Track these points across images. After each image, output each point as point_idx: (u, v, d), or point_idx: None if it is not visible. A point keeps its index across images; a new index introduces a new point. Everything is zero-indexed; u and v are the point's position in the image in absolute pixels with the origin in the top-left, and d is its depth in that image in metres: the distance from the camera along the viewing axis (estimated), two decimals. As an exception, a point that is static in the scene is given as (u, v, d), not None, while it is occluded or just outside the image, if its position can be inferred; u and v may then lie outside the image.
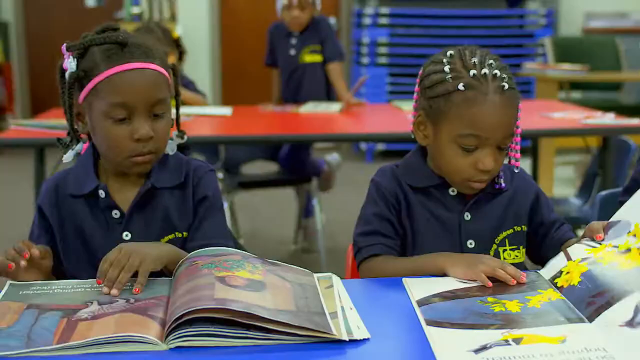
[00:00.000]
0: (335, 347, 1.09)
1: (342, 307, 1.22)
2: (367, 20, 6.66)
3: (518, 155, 1.54)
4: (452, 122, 1.45)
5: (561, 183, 5.36)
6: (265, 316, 1.09)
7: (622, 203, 1.69)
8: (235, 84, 7.19)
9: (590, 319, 1.15)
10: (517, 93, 1.48)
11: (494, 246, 1.53)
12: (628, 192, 1.69)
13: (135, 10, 6.52)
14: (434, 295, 1.28)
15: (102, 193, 1.47)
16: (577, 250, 1.36)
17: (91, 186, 1.48)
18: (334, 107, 3.67)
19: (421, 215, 1.53)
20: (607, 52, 6.07)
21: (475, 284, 1.34)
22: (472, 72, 1.43)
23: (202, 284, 1.18)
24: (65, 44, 1.45)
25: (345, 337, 1.11)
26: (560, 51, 5.96)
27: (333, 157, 4.11)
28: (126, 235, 1.47)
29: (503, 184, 1.54)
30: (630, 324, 1.09)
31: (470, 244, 1.52)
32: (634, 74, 5.82)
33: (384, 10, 6.64)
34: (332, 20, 7.07)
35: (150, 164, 1.48)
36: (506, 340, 1.09)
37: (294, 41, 3.96)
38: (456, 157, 1.46)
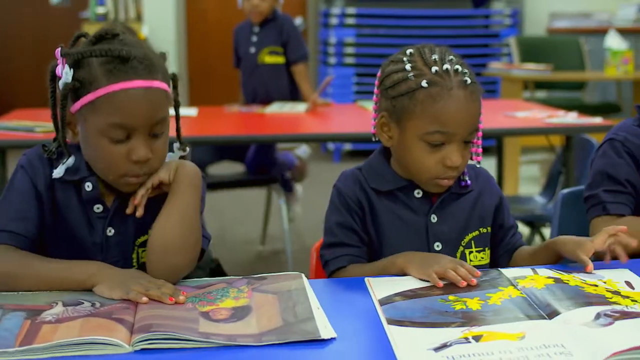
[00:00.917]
0: (300, 347, 1.09)
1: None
2: (333, 21, 6.67)
3: (480, 150, 1.54)
4: (417, 119, 1.44)
5: (526, 182, 5.41)
6: (250, 344, 1.09)
7: (586, 199, 1.72)
8: (203, 84, 7.16)
9: (550, 316, 1.16)
10: (479, 87, 1.48)
11: (461, 248, 1.53)
12: (592, 188, 1.71)
13: (101, 10, 6.45)
14: (396, 295, 1.29)
15: (88, 186, 1.40)
16: (546, 271, 1.38)
17: (78, 175, 1.40)
18: (300, 108, 3.67)
19: (387, 219, 1.52)
20: (571, 52, 6.13)
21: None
22: (434, 68, 1.43)
23: (186, 317, 1.18)
24: (60, 49, 1.35)
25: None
26: (525, 51, 6.01)
27: (302, 151, 4.10)
28: (110, 231, 1.42)
29: (469, 182, 1.55)
30: (590, 324, 1.11)
31: (438, 246, 1.51)
32: (597, 73, 5.89)
33: (351, 10, 6.66)
34: (299, 20, 7.07)
35: (137, 187, 1.40)
36: (466, 338, 1.10)
37: (254, 39, 3.95)
38: (423, 155, 1.46)
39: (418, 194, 1.53)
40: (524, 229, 3.77)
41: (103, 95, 1.30)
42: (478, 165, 1.57)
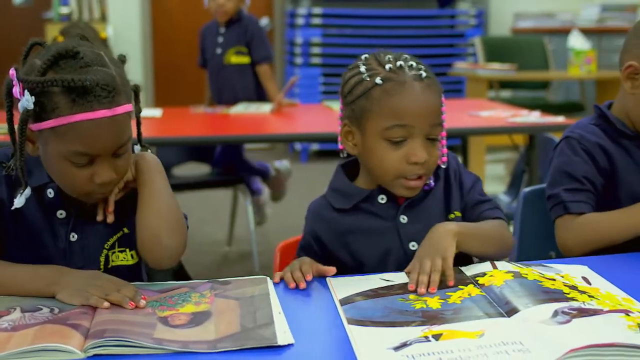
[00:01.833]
0: (256, 353, 1.09)
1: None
2: (300, 21, 6.67)
3: (445, 150, 1.53)
4: (375, 117, 1.44)
5: (492, 180, 5.45)
6: (204, 351, 1.08)
7: (548, 199, 1.73)
8: (168, 85, 7.12)
9: (509, 314, 1.17)
10: (437, 83, 1.48)
11: None
12: (552, 187, 1.72)
13: (64, 10, 6.39)
14: (357, 294, 1.29)
15: (50, 192, 1.38)
16: (505, 265, 1.39)
17: (40, 181, 1.38)
18: (265, 108, 3.66)
19: (355, 236, 1.51)
20: (535, 52, 6.19)
21: (397, 282, 1.35)
22: (387, 66, 1.45)
23: (144, 323, 1.17)
24: (15, 71, 1.29)
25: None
26: (490, 51, 6.05)
27: (282, 164, 4.09)
28: (73, 237, 1.40)
29: (432, 183, 1.54)
30: (547, 322, 1.12)
31: (413, 245, 1.49)
32: (560, 73, 5.95)
33: (317, 10, 6.66)
34: (265, 20, 7.06)
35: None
36: (426, 337, 1.10)
37: (220, 39, 3.95)
38: (386, 153, 1.45)
39: (382, 199, 1.52)
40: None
41: (66, 124, 1.26)
42: (443, 166, 1.55)
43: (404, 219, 1.51)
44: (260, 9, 7.22)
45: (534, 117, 3.32)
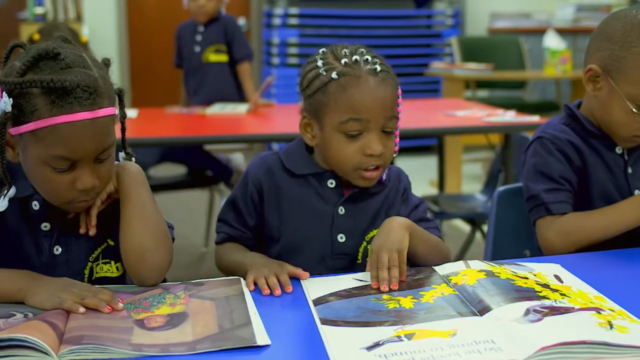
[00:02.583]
0: (235, 354, 1.08)
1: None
2: (276, 21, 6.66)
3: (397, 140, 1.55)
4: (332, 111, 1.47)
5: (469, 180, 5.47)
6: (183, 353, 1.08)
7: (527, 200, 1.73)
8: (145, 85, 7.08)
9: (482, 313, 1.17)
10: (393, 77, 1.51)
11: (364, 243, 1.54)
12: (530, 189, 1.72)
13: (39, 10, 6.33)
14: (330, 295, 1.29)
15: (35, 205, 1.36)
16: (477, 263, 1.39)
17: (25, 192, 1.36)
18: (241, 108, 3.65)
19: (293, 203, 1.54)
20: (512, 52, 6.22)
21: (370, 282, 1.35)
22: (343, 60, 1.47)
23: (120, 327, 1.16)
24: None
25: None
26: (467, 51, 6.07)
27: (237, 157, 4.07)
28: (57, 250, 1.38)
29: (384, 178, 1.57)
30: (519, 320, 1.13)
31: (341, 237, 1.53)
32: (536, 72, 5.98)
33: (294, 10, 6.65)
34: (242, 20, 7.05)
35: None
36: (398, 336, 1.10)
37: (199, 38, 3.95)
38: (343, 146, 1.47)
39: (331, 184, 1.55)
40: (465, 227, 3.82)
41: (45, 127, 1.23)
42: (395, 155, 1.57)
43: (341, 210, 1.54)
44: (237, 9, 7.20)
45: (509, 116, 3.33)
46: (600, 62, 1.67)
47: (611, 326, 1.11)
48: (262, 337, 1.12)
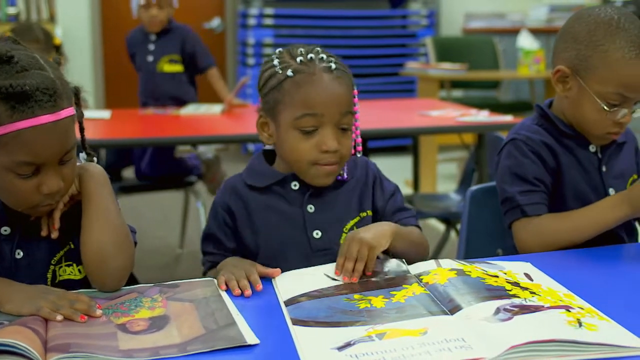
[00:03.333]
0: (226, 354, 1.08)
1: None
2: (252, 21, 6.65)
3: (359, 140, 1.58)
4: (286, 108, 1.49)
5: (444, 179, 5.49)
6: (175, 355, 1.07)
7: (502, 203, 1.73)
8: (119, 86, 7.03)
9: (452, 312, 1.18)
10: (349, 76, 1.53)
11: (343, 235, 1.54)
12: (505, 190, 1.73)
13: (12, 10, 6.27)
14: (302, 295, 1.29)
15: None
16: (448, 262, 1.40)
17: None
18: (216, 109, 3.64)
19: (262, 215, 1.55)
20: (486, 52, 6.25)
21: (342, 282, 1.35)
22: (299, 58, 1.49)
23: (103, 333, 1.14)
24: None
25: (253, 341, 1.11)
26: (442, 51, 6.10)
27: (203, 151, 4.04)
28: (18, 254, 1.36)
29: (345, 175, 1.58)
30: (490, 319, 1.13)
31: (317, 234, 1.54)
32: (510, 72, 6.02)
33: (269, 11, 6.65)
34: (217, 21, 7.04)
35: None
36: (370, 336, 1.10)
37: (151, 47, 3.92)
38: (298, 143, 1.49)
39: (295, 186, 1.55)
40: (439, 226, 3.83)
41: (7, 134, 1.20)
42: (359, 155, 1.61)
43: (310, 208, 1.55)
44: (211, 9, 7.18)
45: (483, 116, 3.35)
46: (568, 62, 1.68)
47: (580, 324, 1.11)
48: (250, 337, 1.12)
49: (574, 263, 1.51)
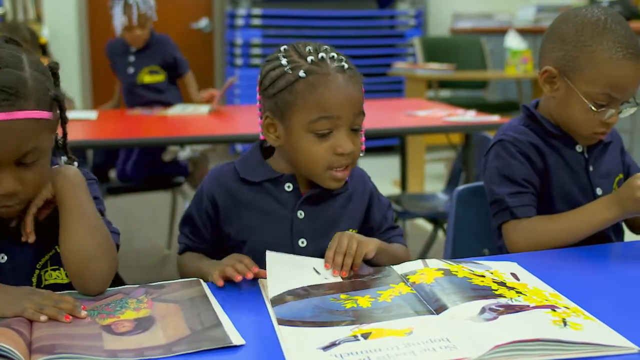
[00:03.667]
0: (212, 355, 1.08)
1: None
2: (239, 22, 6.64)
3: (362, 139, 1.53)
4: (300, 111, 1.43)
5: (432, 179, 5.50)
6: (160, 356, 1.06)
7: (491, 204, 1.73)
8: (106, 86, 7.00)
9: (438, 312, 1.18)
10: (359, 74, 1.49)
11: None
12: (494, 192, 1.73)
13: (-2, 10, 6.26)
14: (288, 293, 1.29)
15: None
16: (435, 262, 1.40)
17: None
18: (203, 109, 3.64)
19: (251, 212, 1.52)
20: (473, 52, 6.26)
21: (329, 281, 1.35)
22: (309, 58, 1.44)
23: (88, 334, 1.14)
24: None
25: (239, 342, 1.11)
26: (429, 51, 6.11)
27: (190, 153, 4.03)
28: (2, 258, 1.35)
29: (347, 179, 1.54)
30: (475, 319, 1.13)
31: (302, 242, 1.51)
32: (498, 72, 6.03)
33: (257, 11, 6.64)
34: (205, 21, 7.03)
35: (17, 213, 1.32)
36: (355, 336, 1.10)
37: (132, 59, 3.92)
38: (313, 146, 1.45)
39: (288, 187, 1.52)
40: (428, 226, 3.84)
41: None
42: (361, 154, 1.55)
43: (300, 214, 1.52)
44: (199, 9, 7.17)
45: (470, 116, 3.36)
46: (555, 63, 1.68)
47: (565, 323, 1.12)
48: (235, 337, 1.11)
49: (561, 263, 1.51)
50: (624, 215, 1.62)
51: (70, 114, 1.38)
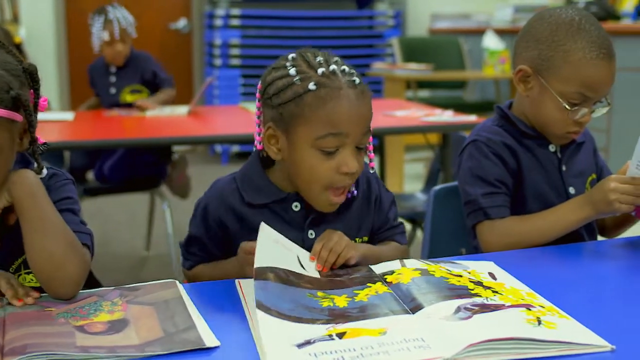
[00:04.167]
0: (185, 357, 1.07)
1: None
2: (218, 22, 6.63)
3: (372, 155, 1.48)
4: (307, 125, 1.36)
5: (411, 179, 5.52)
6: (133, 354, 1.06)
7: (465, 204, 1.74)
8: (84, 87, 6.95)
9: (413, 311, 1.18)
10: (369, 90, 1.42)
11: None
12: (468, 193, 1.74)
13: (-26, 11, 6.21)
14: (271, 270, 1.27)
15: None
16: (413, 262, 1.40)
17: None
18: (181, 110, 3.62)
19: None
20: (452, 52, 6.29)
21: (308, 274, 1.35)
22: (320, 70, 1.36)
23: (60, 332, 1.13)
24: None
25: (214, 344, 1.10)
26: (408, 51, 6.13)
27: (173, 156, 4.01)
28: None
29: (355, 191, 1.51)
30: (449, 318, 1.13)
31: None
32: (476, 72, 6.06)
33: (235, 11, 6.63)
34: (184, 22, 7.01)
35: None
36: (330, 335, 1.10)
37: (113, 79, 3.90)
38: (317, 163, 1.38)
39: (296, 207, 1.47)
40: (406, 226, 3.85)
41: None
42: (372, 171, 1.51)
43: (311, 234, 1.47)
44: (178, 10, 7.15)
45: (447, 116, 3.37)
46: (530, 62, 1.70)
47: (539, 322, 1.12)
48: (210, 339, 1.11)
49: (537, 261, 1.52)
50: (595, 216, 1.64)
51: (47, 115, 1.37)
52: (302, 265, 1.37)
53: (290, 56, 1.42)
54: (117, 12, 3.83)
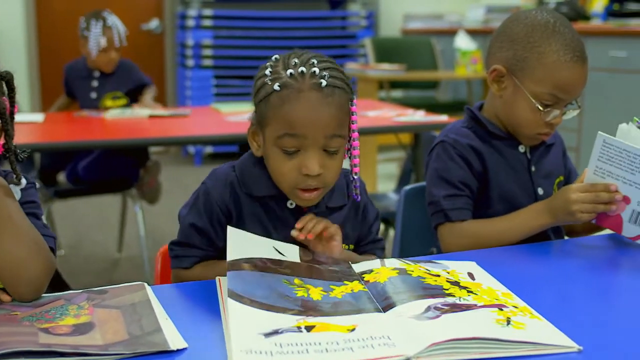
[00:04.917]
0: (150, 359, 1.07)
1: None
2: (190, 23, 6.60)
3: (356, 160, 1.46)
4: (271, 124, 1.39)
5: (385, 179, 5.54)
6: (95, 352, 1.05)
7: (429, 205, 1.75)
8: (56, 88, 6.90)
9: (385, 310, 1.18)
10: (342, 93, 1.38)
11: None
12: (432, 193, 1.75)
13: (-58, 12, 6.13)
14: (246, 261, 1.27)
15: None
16: (393, 261, 1.40)
17: None
18: (143, 112, 3.58)
19: (254, 227, 1.46)
20: (424, 52, 6.32)
21: (288, 259, 1.35)
22: (289, 71, 1.37)
23: (25, 332, 1.12)
24: None
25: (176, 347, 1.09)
26: (381, 51, 6.14)
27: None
28: None
29: (359, 197, 1.51)
30: (418, 317, 1.14)
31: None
32: (448, 73, 6.09)
33: (207, 12, 6.61)
34: (156, 22, 6.97)
35: None
36: (299, 327, 1.10)
37: (95, 84, 3.86)
38: (280, 162, 1.40)
39: (291, 204, 1.48)
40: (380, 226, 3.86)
41: None
42: (355, 177, 1.49)
43: None
44: (149, 10, 7.11)
45: (419, 116, 3.38)
46: (504, 62, 1.71)
47: (508, 322, 1.12)
48: (176, 341, 1.10)
49: (516, 260, 1.54)
50: (554, 224, 1.67)
51: (16, 117, 1.35)
52: (280, 253, 1.37)
53: (275, 56, 1.43)
54: (115, 19, 3.79)
